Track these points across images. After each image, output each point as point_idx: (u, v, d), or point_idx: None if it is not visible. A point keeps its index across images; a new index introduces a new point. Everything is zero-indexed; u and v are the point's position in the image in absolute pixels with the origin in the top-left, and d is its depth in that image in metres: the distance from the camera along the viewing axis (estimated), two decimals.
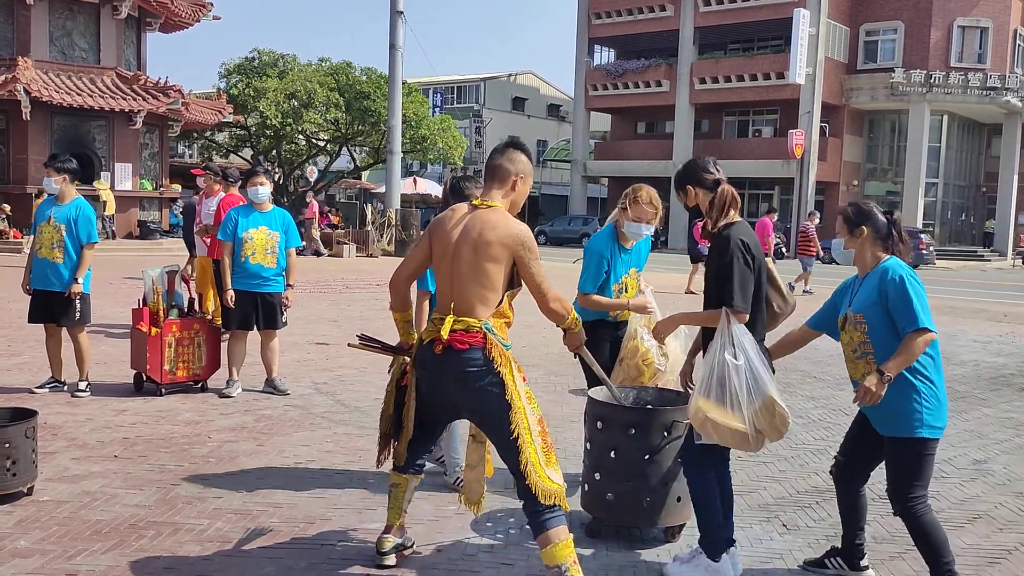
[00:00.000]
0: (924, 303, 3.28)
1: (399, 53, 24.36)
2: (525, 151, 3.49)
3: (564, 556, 3.15)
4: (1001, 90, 34.87)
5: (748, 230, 3.57)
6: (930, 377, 3.34)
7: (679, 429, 3.88)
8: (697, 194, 3.66)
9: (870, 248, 3.48)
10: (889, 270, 3.37)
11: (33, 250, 6.42)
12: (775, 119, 38.90)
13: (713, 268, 3.54)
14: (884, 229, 3.47)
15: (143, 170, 24.69)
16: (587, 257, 4.51)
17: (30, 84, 20.80)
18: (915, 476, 3.35)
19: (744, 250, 3.47)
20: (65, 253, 6.32)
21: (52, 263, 6.31)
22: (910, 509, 3.34)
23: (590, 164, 42.46)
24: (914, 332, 3.24)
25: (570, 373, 7.61)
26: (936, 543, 3.34)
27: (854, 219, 3.51)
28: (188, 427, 5.71)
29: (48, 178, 6.42)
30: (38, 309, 6.44)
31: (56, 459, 4.93)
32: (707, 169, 3.66)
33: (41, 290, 6.38)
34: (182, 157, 39.13)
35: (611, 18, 40.29)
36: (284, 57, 35.44)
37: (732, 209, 3.59)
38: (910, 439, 3.33)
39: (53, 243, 6.30)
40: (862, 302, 3.41)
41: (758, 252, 3.54)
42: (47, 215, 6.38)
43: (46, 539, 3.82)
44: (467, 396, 3.29)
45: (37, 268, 6.37)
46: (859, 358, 3.42)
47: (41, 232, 6.36)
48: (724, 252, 3.48)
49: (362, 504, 4.39)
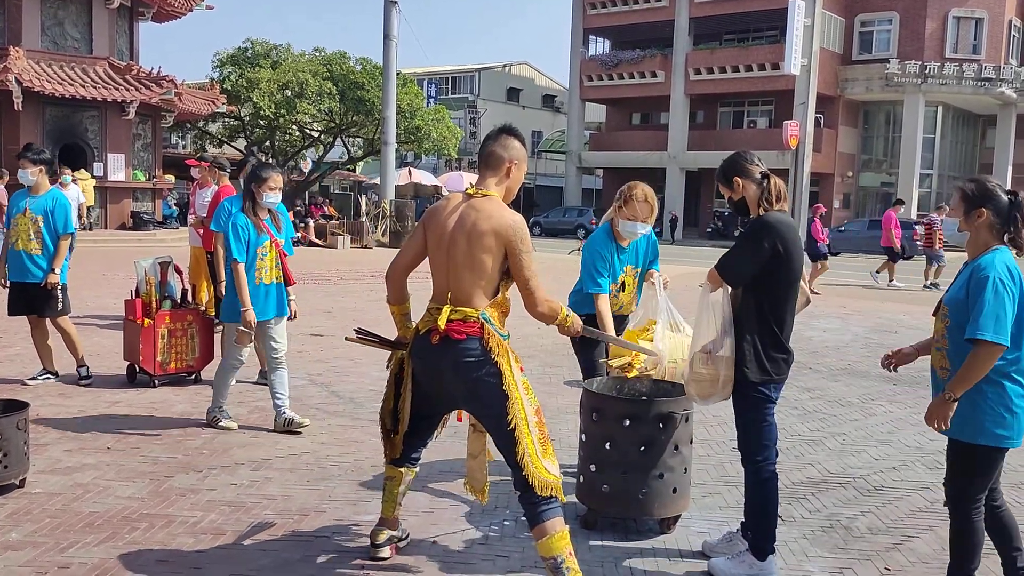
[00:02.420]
0: (1004, 311, 2.92)
1: (393, 43, 24.24)
2: (518, 136, 3.45)
3: (560, 548, 3.14)
4: (996, 81, 34.91)
5: (790, 222, 3.53)
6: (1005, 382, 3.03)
7: (674, 420, 3.87)
8: (745, 187, 3.60)
9: (985, 233, 3.09)
10: (984, 265, 3.01)
11: (8, 242, 6.37)
12: (770, 110, 38.92)
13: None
14: (1004, 213, 3.06)
15: (136, 161, 24.56)
16: (586, 258, 4.49)
17: (22, 74, 20.66)
18: (969, 480, 3.14)
19: (773, 237, 3.43)
20: (42, 244, 6.29)
21: (29, 254, 6.28)
22: (960, 512, 3.16)
23: (585, 155, 42.42)
24: (977, 343, 2.92)
25: (565, 365, 7.60)
26: (970, 548, 3.18)
27: (974, 198, 3.10)
28: (181, 419, 5.69)
29: (24, 170, 6.36)
30: (18, 301, 6.42)
31: (48, 451, 4.90)
32: (753, 161, 3.63)
33: (19, 282, 6.35)
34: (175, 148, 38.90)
35: (606, 8, 40.23)
36: (278, 47, 35.24)
37: (782, 200, 3.57)
38: (969, 444, 3.09)
39: (30, 234, 6.27)
40: (951, 294, 3.14)
41: (796, 244, 3.47)
42: (22, 207, 6.34)
43: (38, 531, 3.80)
44: (464, 386, 3.26)
45: (13, 260, 6.33)
46: (937, 349, 3.19)
47: (17, 224, 6.31)
48: (755, 230, 3.48)
49: (356, 496, 4.37)
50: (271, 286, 5.46)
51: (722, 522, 4.17)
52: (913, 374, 8.11)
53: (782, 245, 3.43)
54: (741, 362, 3.47)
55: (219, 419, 5.51)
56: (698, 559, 3.77)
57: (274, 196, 5.44)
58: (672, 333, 4.30)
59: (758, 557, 3.53)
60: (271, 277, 5.46)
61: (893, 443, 5.72)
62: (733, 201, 3.67)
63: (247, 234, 5.33)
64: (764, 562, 3.53)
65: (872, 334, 10.62)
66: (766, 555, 3.53)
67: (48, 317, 6.43)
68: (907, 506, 4.50)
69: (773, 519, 3.57)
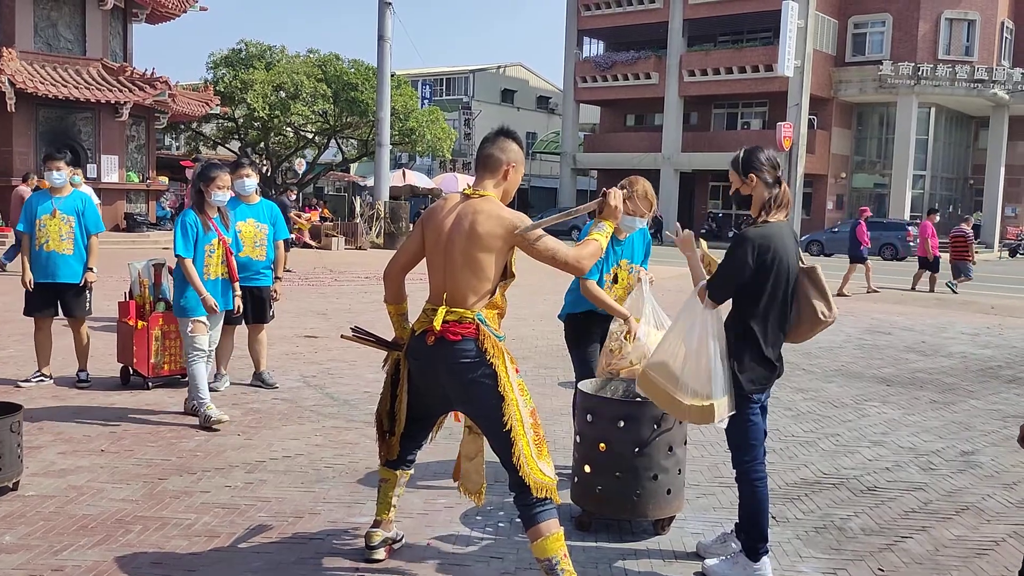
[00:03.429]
0: None
1: (387, 44, 24.25)
2: (516, 139, 3.44)
3: (555, 549, 3.14)
4: (988, 83, 35.02)
5: (776, 234, 3.48)
6: None
7: (669, 422, 3.88)
8: (756, 186, 3.59)
9: None
10: None
11: (37, 244, 6.39)
12: (764, 111, 38.97)
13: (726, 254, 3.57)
14: None
15: (130, 162, 24.48)
16: None
17: (15, 75, 20.58)
18: None
19: (753, 252, 3.42)
20: (75, 244, 6.41)
21: (62, 255, 6.37)
22: None
23: (579, 156, 42.42)
24: None
25: (560, 366, 7.60)
26: None
27: None
28: (175, 421, 5.68)
29: (57, 171, 6.43)
30: (43, 302, 6.44)
31: (42, 453, 4.89)
32: (774, 164, 3.60)
33: (48, 283, 6.38)
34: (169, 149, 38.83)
35: (600, 10, 40.23)
36: (272, 49, 35.19)
37: (783, 210, 3.56)
38: None
39: (61, 235, 6.37)
40: None
41: (777, 258, 3.45)
42: (50, 208, 6.40)
43: (32, 534, 3.79)
44: (459, 388, 3.26)
45: (44, 261, 6.37)
46: None
47: (46, 225, 6.37)
48: (734, 246, 3.47)
49: (351, 498, 4.37)
50: (216, 281, 5.71)
51: (716, 523, 4.18)
52: (906, 375, 8.15)
53: (765, 256, 3.43)
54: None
55: (210, 417, 5.51)
56: (692, 560, 3.78)
57: (222, 195, 5.66)
58: (656, 331, 4.33)
59: (752, 558, 3.54)
60: (216, 273, 5.71)
61: (886, 444, 5.74)
62: (740, 193, 3.66)
63: (195, 231, 5.56)
64: (758, 564, 3.54)
65: (865, 335, 10.65)
66: (759, 556, 3.54)
67: (78, 317, 6.53)
68: (900, 507, 4.51)
69: (765, 520, 3.58)
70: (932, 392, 7.45)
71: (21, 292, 6.53)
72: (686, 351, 3.49)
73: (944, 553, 3.90)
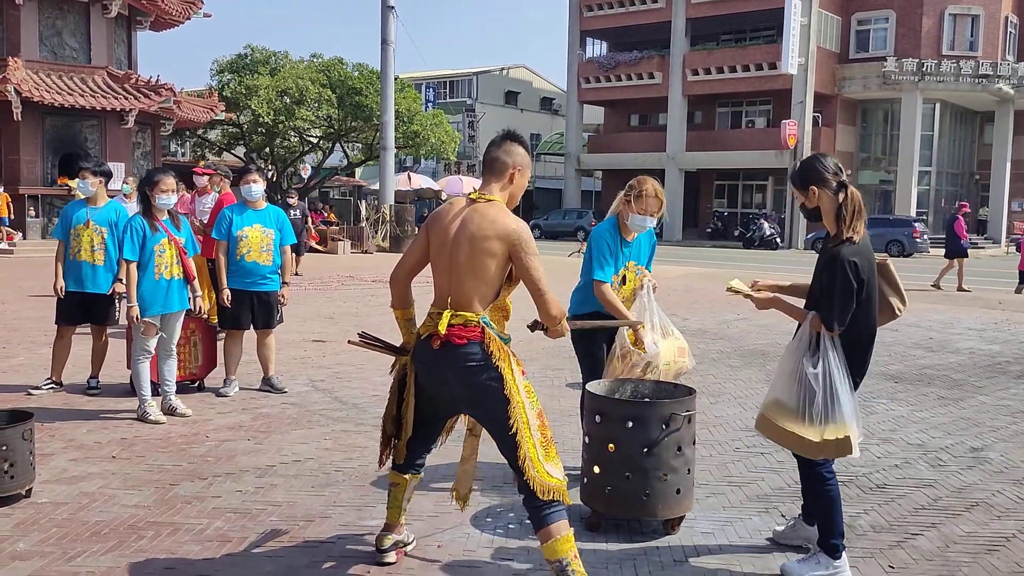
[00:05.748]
0: None
1: (391, 48, 24.30)
2: (522, 143, 3.45)
3: (565, 550, 3.15)
4: (993, 78, 34.91)
5: (867, 246, 3.43)
6: None
7: (677, 422, 3.89)
8: (821, 197, 3.50)
9: None
10: None
11: (71, 253, 6.45)
12: (768, 110, 38.94)
13: (823, 280, 3.44)
14: None
15: (136, 169, 24.56)
16: (593, 245, 4.51)
17: (20, 84, 20.69)
18: None
19: (856, 272, 3.35)
20: (106, 255, 6.49)
21: (93, 265, 6.45)
22: None
23: (584, 157, 42.44)
24: None
25: (567, 367, 7.61)
26: None
27: None
28: (186, 427, 5.70)
29: (84, 180, 6.50)
30: (73, 311, 6.51)
31: (54, 460, 4.92)
32: (831, 169, 3.50)
33: (78, 292, 6.45)
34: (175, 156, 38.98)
35: (603, 10, 40.26)
36: (276, 54, 35.28)
37: (860, 221, 3.43)
38: None
39: (93, 245, 6.45)
40: None
41: (871, 269, 3.43)
42: (84, 218, 6.47)
43: (45, 541, 3.81)
44: (466, 391, 3.28)
45: (77, 270, 6.44)
46: None
47: (79, 235, 6.44)
48: (832, 270, 3.38)
49: (362, 501, 4.39)
50: (172, 281, 5.85)
51: (726, 522, 4.19)
52: (914, 372, 8.14)
53: (864, 274, 3.38)
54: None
55: (148, 414, 5.77)
56: (703, 557, 3.78)
57: (167, 198, 5.85)
58: (663, 339, 4.35)
59: (832, 556, 3.54)
60: (171, 273, 5.84)
61: (895, 441, 5.73)
62: (806, 208, 3.59)
63: (141, 234, 5.73)
64: (839, 560, 3.54)
65: None
66: (840, 553, 3.54)
67: (105, 325, 6.63)
68: (910, 504, 4.51)
69: (840, 517, 3.58)
70: (940, 388, 7.44)
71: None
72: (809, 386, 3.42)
73: (954, 549, 3.90)
